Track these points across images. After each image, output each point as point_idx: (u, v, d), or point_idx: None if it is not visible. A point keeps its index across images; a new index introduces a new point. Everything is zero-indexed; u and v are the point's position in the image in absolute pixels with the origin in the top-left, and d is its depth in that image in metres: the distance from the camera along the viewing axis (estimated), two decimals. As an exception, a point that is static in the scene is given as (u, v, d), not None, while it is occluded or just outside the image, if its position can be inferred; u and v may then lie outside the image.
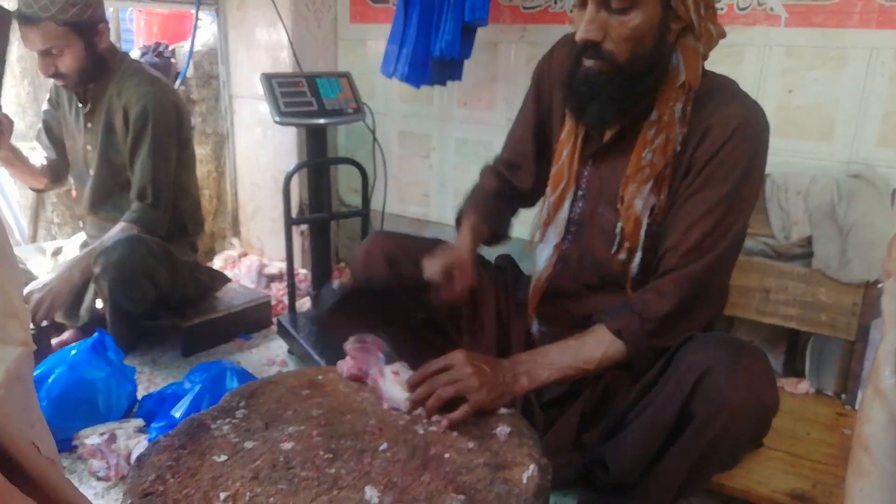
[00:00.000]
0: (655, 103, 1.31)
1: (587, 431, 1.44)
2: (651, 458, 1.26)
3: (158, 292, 2.17)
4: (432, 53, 2.21)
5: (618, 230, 1.38)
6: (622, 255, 1.38)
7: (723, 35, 1.31)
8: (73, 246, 2.40)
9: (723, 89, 1.33)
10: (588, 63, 1.29)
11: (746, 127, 1.26)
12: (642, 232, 1.35)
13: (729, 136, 1.25)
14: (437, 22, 2.18)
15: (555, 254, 1.49)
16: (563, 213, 1.46)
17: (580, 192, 1.45)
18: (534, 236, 1.54)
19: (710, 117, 1.28)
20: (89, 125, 2.23)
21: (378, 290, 1.52)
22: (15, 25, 1.94)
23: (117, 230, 2.15)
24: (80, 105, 2.23)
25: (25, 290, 2.01)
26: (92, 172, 2.27)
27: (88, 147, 2.26)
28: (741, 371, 1.15)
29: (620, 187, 1.36)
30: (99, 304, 2.18)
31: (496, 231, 1.66)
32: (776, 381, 1.13)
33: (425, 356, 1.39)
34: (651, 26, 1.23)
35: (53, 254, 2.38)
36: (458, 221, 1.66)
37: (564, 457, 1.44)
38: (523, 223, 1.69)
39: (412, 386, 1.21)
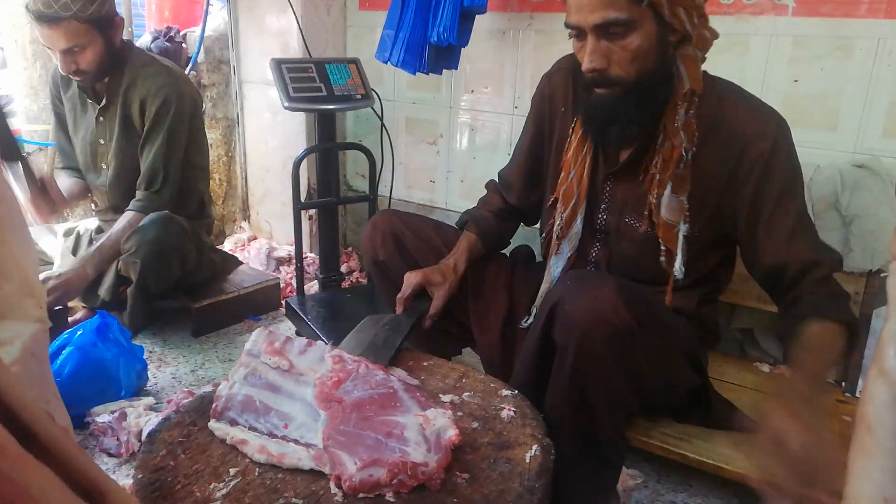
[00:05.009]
0: (662, 114, 1.35)
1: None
2: (535, 389, 1.30)
3: (183, 272, 2.20)
4: (429, 39, 2.19)
5: (661, 238, 1.42)
6: (662, 258, 1.42)
7: (716, 37, 1.34)
8: (84, 228, 2.43)
9: (733, 92, 1.37)
10: (601, 91, 1.33)
11: (783, 133, 1.33)
12: (680, 236, 1.39)
13: (772, 147, 1.31)
14: (436, 7, 2.16)
15: (568, 265, 1.54)
16: (576, 227, 1.51)
17: (603, 206, 1.50)
18: (548, 249, 1.58)
19: (744, 127, 1.33)
20: (101, 119, 2.23)
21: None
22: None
23: (126, 221, 2.18)
24: (91, 100, 2.24)
25: (42, 276, 2.04)
26: (104, 166, 2.29)
27: (101, 141, 2.27)
28: (584, 294, 1.19)
29: (647, 198, 1.41)
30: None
31: (492, 248, 1.72)
32: (622, 302, 1.16)
33: (438, 343, 1.44)
34: (651, 44, 1.26)
35: (65, 234, 2.41)
36: (462, 224, 1.71)
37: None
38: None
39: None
